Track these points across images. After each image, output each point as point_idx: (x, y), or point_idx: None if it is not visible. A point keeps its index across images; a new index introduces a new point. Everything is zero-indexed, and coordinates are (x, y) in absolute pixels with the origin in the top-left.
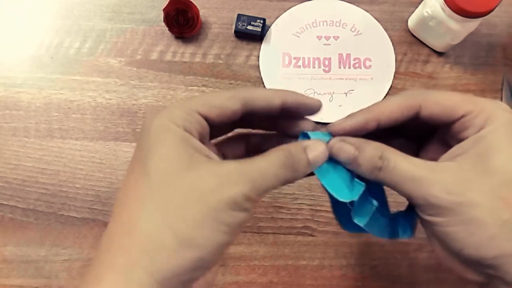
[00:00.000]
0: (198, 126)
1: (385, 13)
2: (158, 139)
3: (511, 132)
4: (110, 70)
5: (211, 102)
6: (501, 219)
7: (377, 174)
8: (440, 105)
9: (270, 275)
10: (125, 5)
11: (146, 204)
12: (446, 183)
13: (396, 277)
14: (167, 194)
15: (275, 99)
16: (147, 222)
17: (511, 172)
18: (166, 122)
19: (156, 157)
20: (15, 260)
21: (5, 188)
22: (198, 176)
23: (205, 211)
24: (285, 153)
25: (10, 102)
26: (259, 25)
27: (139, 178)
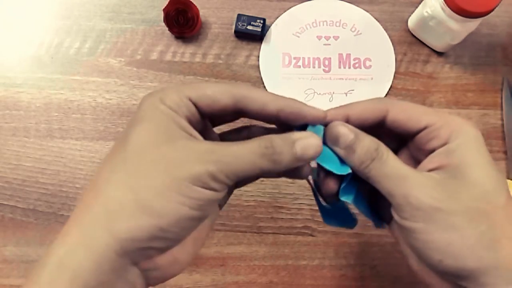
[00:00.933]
0: (186, 111)
1: (385, 13)
2: (144, 115)
3: (479, 148)
4: (110, 70)
5: (203, 90)
6: (479, 229)
7: (367, 164)
8: (405, 112)
9: (270, 275)
10: (125, 5)
11: (117, 171)
12: (428, 187)
13: (396, 277)
14: (137, 162)
15: (270, 106)
16: (114, 186)
17: (486, 186)
18: (157, 101)
19: (138, 131)
20: (15, 260)
21: (5, 188)
22: (171, 150)
23: (168, 181)
24: (266, 143)
25: (10, 102)
26: (259, 25)
27: (117, 149)
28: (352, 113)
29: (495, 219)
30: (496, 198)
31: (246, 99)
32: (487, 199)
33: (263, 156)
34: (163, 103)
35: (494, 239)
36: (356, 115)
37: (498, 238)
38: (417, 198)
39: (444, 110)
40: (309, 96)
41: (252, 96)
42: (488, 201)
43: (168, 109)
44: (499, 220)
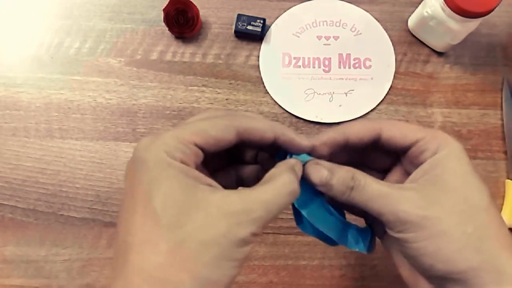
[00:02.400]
0: (194, 158)
1: (385, 13)
2: (159, 175)
3: (462, 157)
4: (110, 70)
5: (207, 132)
6: (466, 232)
7: (349, 194)
8: (398, 129)
9: (270, 275)
10: (125, 5)
11: (159, 248)
12: (413, 199)
13: (396, 277)
14: (180, 238)
15: (268, 134)
16: (165, 269)
17: (467, 191)
18: (164, 156)
19: (162, 196)
20: (15, 260)
21: (5, 188)
22: (208, 218)
23: (218, 253)
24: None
25: (10, 102)
26: (259, 25)
27: (146, 219)
28: (350, 133)
29: (479, 221)
30: (478, 202)
31: (248, 132)
32: (469, 203)
33: (290, 195)
34: (172, 157)
35: (480, 240)
36: (354, 134)
37: (484, 239)
38: (404, 211)
39: (444, 110)
40: (309, 96)
41: (253, 127)
42: (471, 204)
43: (181, 165)
44: (483, 222)
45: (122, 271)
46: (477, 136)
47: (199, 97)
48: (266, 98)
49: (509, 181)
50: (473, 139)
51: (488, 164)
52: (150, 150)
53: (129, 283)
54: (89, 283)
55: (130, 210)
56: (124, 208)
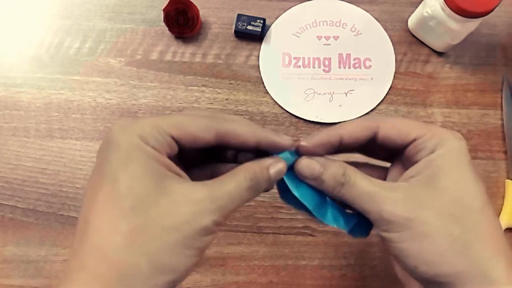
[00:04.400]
0: (168, 148)
1: (385, 13)
2: (128, 157)
3: (459, 156)
4: (110, 70)
5: (186, 127)
6: (452, 235)
7: (339, 189)
8: (395, 127)
9: (270, 275)
10: (125, 5)
11: (120, 229)
12: (398, 200)
13: (396, 277)
14: (142, 221)
15: (251, 140)
16: (122, 250)
17: (460, 192)
18: (137, 139)
19: (129, 178)
20: (15, 260)
21: (5, 188)
22: (173, 204)
23: (179, 239)
24: (251, 175)
25: (10, 102)
26: (259, 25)
27: (110, 199)
28: (344, 133)
29: (468, 223)
30: (471, 202)
31: (229, 135)
32: (460, 204)
33: (250, 189)
34: (146, 143)
35: (467, 244)
36: (348, 134)
37: (470, 243)
38: (389, 211)
39: (444, 110)
40: (309, 96)
41: (234, 131)
42: (461, 206)
43: (152, 150)
44: (473, 224)
45: (79, 249)
46: (477, 136)
47: (199, 97)
48: (266, 98)
49: (509, 181)
50: (473, 139)
51: (488, 164)
52: (124, 132)
53: (85, 261)
54: None
55: (95, 188)
56: (89, 186)
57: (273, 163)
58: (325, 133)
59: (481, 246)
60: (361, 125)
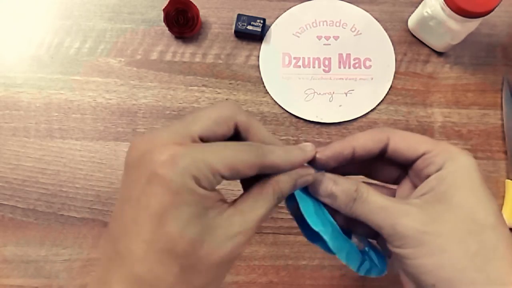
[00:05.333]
0: (216, 185)
1: (385, 13)
2: (181, 199)
3: (470, 173)
4: (110, 70)
5: (235, 165)
6: (471, 250)
7: (351, 205)
8: (405, 140)
9: (270, 275)
10: (125, 5)
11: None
12: (413, 213)
13: (396, 277)
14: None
15: (287, 168)
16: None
17: (473, 208)
18: (191, 182)
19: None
20: (15, 260)
21: (5, 188)
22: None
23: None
24: (278, 194)
25: (10, 102)
26: (259, 25)
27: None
28: (357, 144)
29: (485, 240)
30: (485, 219)
31: (269, 168)
32: (474, 220)
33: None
34: (199, 184)
35: (486, 260)
36: (361, 146)
37: (489, 259)
38: (403, 225)
39: (444, 110)
40: (309, 96)
41: (274, 164)
42: (476, 222)
43: (205, 192)
44: (490, 241)
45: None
46: (477, 136)
47: (199, 97)
48: (266, 98)
49: (509, 181)
50: (473, 139)
51: (488, 164)
52: (177, 169)
53: None
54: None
55: (139, 223)
56: (130, 215)
57: (302, 176)
58: (339, 144)
59: (499, 261)
60: (373, 137)
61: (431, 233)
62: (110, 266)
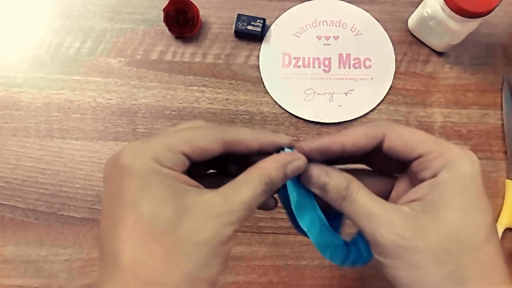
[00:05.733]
0: (182, 165)
1: (385, 13)
2: (148, 182)
3: (466, 184)
4: (110, 70)
5: (195, 143)
6: (445, 270)
7: (340, 203)
8: (401, 139)
9: (270, 275)
10: (125, 5)
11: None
12: (395, 225)
13: None
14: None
15: (254, 145)
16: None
17: (460, 225)
18: (153, 163)
19: (152, 203)
20: (15, 260)
21: (5, 188)
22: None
23: (209, 252)
24: (266, 178)
25: (10, 102)
26: (259, 25)
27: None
28: (346, 141)
29: (464, 260)
30: (469, 239)
31: (234, 143)
32: (457, 239)
33: (265, 192)
34: (161, 164)
35: (459, 280)
36: (351, 143)
37: (464, 280)
38: (383, 236)
39: (444, 110)
40: (309, 96)
41: (239, 139)
42: (459, 241)
43: (169, 171)
44: (469, 262)
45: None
46: (477, 136)
47: (199, 97)
48: (266, 98)
49: (509, 181)
50: (473, 139)
51: (488, 164)
52: (138, 157)
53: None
54: (89, 283)
55: (117, 216)
56: (108, 212)
57: (291, 161)
58: (327, 139)
59: (474, 284)
60: (366, 134)
61: (409, 249)
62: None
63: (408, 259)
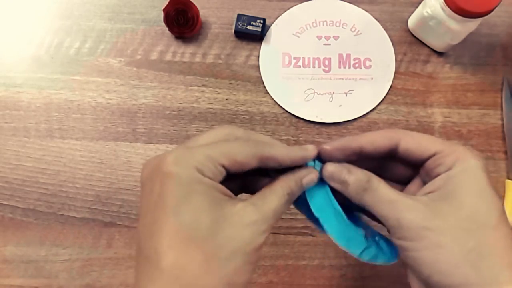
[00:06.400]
0: (220, 176)
1: (385, 13)
2: (190, 190)
3: (477, 174)
4: (110, 70)
5: (235, 157)
6: (467, 247)
7: (362, 194)
8: (416, 141)
9: (270, 275)
10: (125, 5)
11: (195, 259)
12: (417, 209)
13: (396, 277)
14: (212, 248)
15: (286, 162)
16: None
17: (476, 208)
18: (195, 172)
19: (193, 211)
20: (15, 260)
21: (5, 188)
22: (234, 229)
23: (245, 259)
24: (288, 190)
25: (10, 102)
26: (259, 25)
27: (180, 231)
28: (364, 141)
29: (483, 238)
30: (486, 219)
31: (269, 160)
32: (475, 219)
33: (288, 202)
34: (203, 174)
35: (480, 257)
36: (369, 142)
37: (484, 256)
38: (407, 219)
39: (444, 110)
40: (309, 96)
41: (274, 157)
42: (477, 221)
43: (210, 181)
44: (488, 239)
45: (155, 278)
46: (477, 136)
47: (199, 97)
48: (266, 98)
49: (509, 181)
50: (473, 139)
51: (488, 164)
52: (181, 165)
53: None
54: (89, 283)
55: (158, 220)
56: (150, 218)
57: (306, 175)
58: (347, 139)
59: (495, 259)
60: (383, 135)
61: (431, 229)
62: (140, 271)
63: (431, 239)
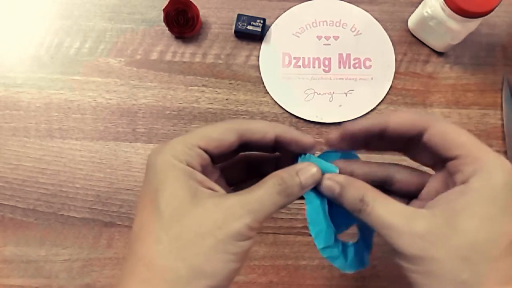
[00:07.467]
0: (199, 159)
1: (385, 13)
2: (165, 176)
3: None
4: (110, 70)
5: (209, 135)
6: (460, 278)
7: (357, 214)
8: (442, 135)
9: (270, 275)
10: (125, 5)
11: (160, 239)
12: (414, 236)
13: (396, 277)
14: (178, 230)
15: (269, 133)
16: (163, 256)
17: (480, 236)
18: (170, 158)
19: (165, 195)
20: (15, 260)
21: (5, 188)
22: (205, 212)
23: (214, 244)
24: (278, 180)
25: (10, 102)
26: (259, 25)
27: (151, 214)
28: (391, 122)
29: (480, 270)
30: (488, 250)
31: (248, 132)
32: (476, 249)
33: (280, 193)
34: (177, 159)
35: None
36: (395, 124)
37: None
38: (402, 246)
39: (444, 110)
40: (309, 96)
41: (252, 127)
42: (477, 251)
43: (184, 166)
44: (485, 271)
45: (129, 258)
46: (477, 136)
47: (199, 97)
48: (266, 98)
49: None
50: None
51: None
52: (158, 155)
53: (134, 269)
54: (89, 283)
55: (140, 207)
56: (138, 206)
57: (303, 168)
58: (371, 119)
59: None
60: (411, 119)
61: (427, 258)
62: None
63: (425, 266)
